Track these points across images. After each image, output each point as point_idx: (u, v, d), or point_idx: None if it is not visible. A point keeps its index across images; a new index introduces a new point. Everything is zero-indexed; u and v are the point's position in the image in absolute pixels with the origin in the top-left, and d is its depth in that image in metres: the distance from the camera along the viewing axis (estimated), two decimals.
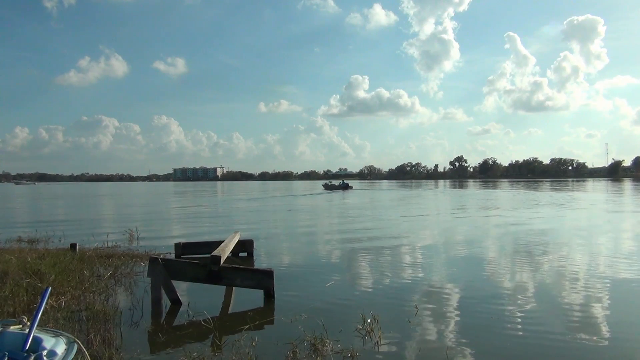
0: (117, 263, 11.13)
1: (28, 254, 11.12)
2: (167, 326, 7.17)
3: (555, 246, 14.69)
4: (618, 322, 7.15)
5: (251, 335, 6.33)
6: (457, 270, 11.31)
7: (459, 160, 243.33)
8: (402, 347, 6.16)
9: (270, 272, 8.50)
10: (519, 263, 11.88)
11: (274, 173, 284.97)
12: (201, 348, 6.02)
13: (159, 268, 8.09)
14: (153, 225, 23.11)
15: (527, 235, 17.22)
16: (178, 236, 17.33)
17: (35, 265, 9.49)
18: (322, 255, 14.03)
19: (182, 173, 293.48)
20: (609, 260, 12.17)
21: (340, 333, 6.45)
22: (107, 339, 6.12)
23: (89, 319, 6.81)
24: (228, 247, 10.43)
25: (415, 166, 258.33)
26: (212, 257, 8.41)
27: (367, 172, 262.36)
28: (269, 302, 8.20)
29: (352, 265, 12.24)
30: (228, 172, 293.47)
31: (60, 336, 4.03)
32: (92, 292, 8.51)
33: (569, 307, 7.94)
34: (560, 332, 6.70)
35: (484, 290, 9.12)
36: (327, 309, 7.91)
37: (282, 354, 5.79)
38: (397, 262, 12.34)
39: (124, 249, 13.47)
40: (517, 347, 6.18)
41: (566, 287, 9.30)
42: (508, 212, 29.03)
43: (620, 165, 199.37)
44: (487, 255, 13.30)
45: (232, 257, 11.50)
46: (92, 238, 15.06)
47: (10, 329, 3.87)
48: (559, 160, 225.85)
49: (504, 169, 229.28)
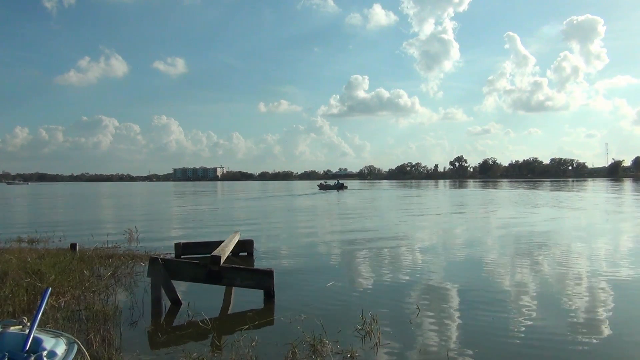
0: (117, 263, 11.14)
1: (28, 254, 11.13)
2: (167, 326, 7.17)
3: (556, 246, 14.66)
4: (618, 323, 7.15)
5: (251, 335, 6.34)
6: (458, 270, 11.30)
7: (459, 160, 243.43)
8: (402, 348, 6.15)
9: (270, 272, 8.50)
10: (520, 263, 11.87)
11: (274, 173, 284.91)
12: (201, 348, 6.03)
13: (159, 268, 8.10)
14: (153, 225, 23.13)
15: (529, 236, 17.22)
16: (178, 236, 17.33)
17: (35, 265, 9.48)
18: (322, 255, 14.03)
19: (182, 173, 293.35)
20: (613, 260, 12.18)
21: (339, 334, 6.45)
22: (107, 339, 6.13)
23: (88, 319, 6.82)
24: (228, 247, 10.43)
25: (415, 166, 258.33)
26: (212, 257, 8.41)
27: (367, 172, 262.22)
28: (268, 302, 8.20)
29: (352, 265, 12.24)
30: (228, 172, 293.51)
31: (60, 336, 4.03)
32: (92, 292, 8.51)
33: (570, 308, 7.93)
34: (561, 333, 6.68)
35: (485, 291, 9.12)
36: (327, 309, 7.91)
37: (282, 354, 5.79)
38: (396, 262, 12.33)
39: (124, 249, 13.47)
40: (517, 348, 6.18)
41: (568, 288, 9.27)
42: (508, 212, 29.05)
43: (620, 165, 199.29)
44: (487, 255, 13.28)
45: (232, 257, 11.51)
46: (92, 238, 15.08)
47: (10, 329, 3.88)
48: (559, 160, 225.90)
49: (504, 169, 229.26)
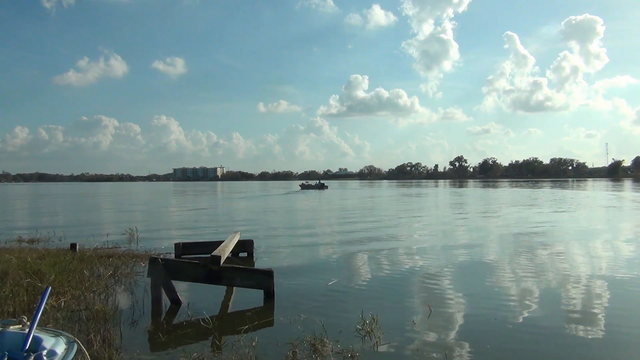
0: (117, 263, 11.13)
1: (28, 254, 11.12)
2: (167, 326, 7.17)
3: (558, 246, 14.67)
4: (619, 323, 7.15)
5: (251, 335, 6.34)
6: (458, 270, 11.29)
7: (459, 160, 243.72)
8: (402, 348, 6.15)
9: (270, 272, 8.50)
10: (521, 263, 11.85)
11: (274, 173, 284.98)
12: (201, 348, 6.03)
13: (159, 268, 8.09)
14: (153, 225, 23.13)
15: (530, 236, 17.22)
16: (178, 236, 17.33)
17: (35, 265, 9.49)
18: (322, 255, 14.01)
19: (182, 173, 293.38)
20: (616, 260, 12.17)
21: (340, 333, 6.45)
22: (107, 339, 6.12)
23: (88, 318, 6.81)
24: (228, 247, 10.43)
25: (415, 166, 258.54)
26: (212, 257, 8.41)
27: (367, 172, 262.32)
28: (268, 302, 8.20)
29: (352, 265, 12.23)
30: (228, 172, 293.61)
31: (60, 336, 4.03)
32: (92, 292, 8.51)
33: (571, 309, 7.91)
34: (562, 334, 6.67)
35: (485, 291, 9.12)
36: (327, 309, 7.90)
37: (282, 354, 5.79)
38: (396, 262, 12.33)
39: (124, 249, 13.46)
40: (517, 348, 6.18)
41: (570, 289, 9.25)
42: (509, 212, 29.05)
43: (620, 165, 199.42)
44: (488, 255, 13.29)
45: (232, 257, 11.51)
46: (93, 238, 15.08)
47: (10, 328, 3.87)
48: (559, 160, 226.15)
49: (504, 169, 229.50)
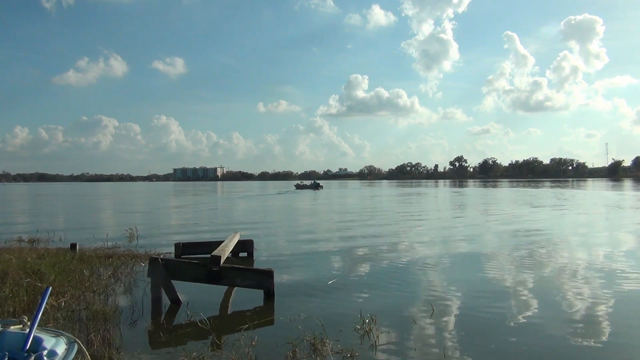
0: (117, 263, 11.13)
1: (28, 254, 11.12)
2: (167, 326, 7.17)
3: (558, 246, 14.67)
4: (619, 324, 7.15)
5: (251, 335, 6.35)
6: (458, 270, 11.31)
7: (459, 160, 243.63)
8: (401, 347, 6.17)
9: (270, 272, 8.50)
10: (521, 263, 11.84)
11: (274, 173, 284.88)
12: (201, 348, 6.03)
13: (159, 268, 8.10)
14: (153, 225, 23.11)
15: (530, 235, 17.19)
16: (178, 236, 17.31)
17: (35, 265, 9.49)
18: (322, 255, 14.01)
19: (182, 173, 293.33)
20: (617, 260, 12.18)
21: (340, 333, 6.46)
22: (107, 339, 6.14)
23: (89, 318, 6.82)
24: (228, 247, 10.43)
25: (415, 166, 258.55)
26: (212, 257, 8.42)
27: (367, 172, 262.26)
28: (268, 302, 8.21)
29: (351, 265, 12.21)
30: (228, 172, 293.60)
31: (61, 336, 4.03)
32: (92, 292, 8.52)
33: (571, 309, 7.91)
34: (562, 334, 6.67)
35: (485, 291, 9.12)
36: (327, 308, 7.92)
37: (282, 353, 5.79)
38: (395, 262, 12.33)
39: (124, 249, 13.46)
40: (517, 348, 6.19)
41: (569, 289, 9.23)
42: (509, 212, 29.05)
43: (620, 165, 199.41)
44: (488, 255, 13.27)
45: (232, 257, 11.51)
46: (93, 237, 15.09)
47: (10, 328, 3.87)
48: (559, 160, 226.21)
49: (504, 169, 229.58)
